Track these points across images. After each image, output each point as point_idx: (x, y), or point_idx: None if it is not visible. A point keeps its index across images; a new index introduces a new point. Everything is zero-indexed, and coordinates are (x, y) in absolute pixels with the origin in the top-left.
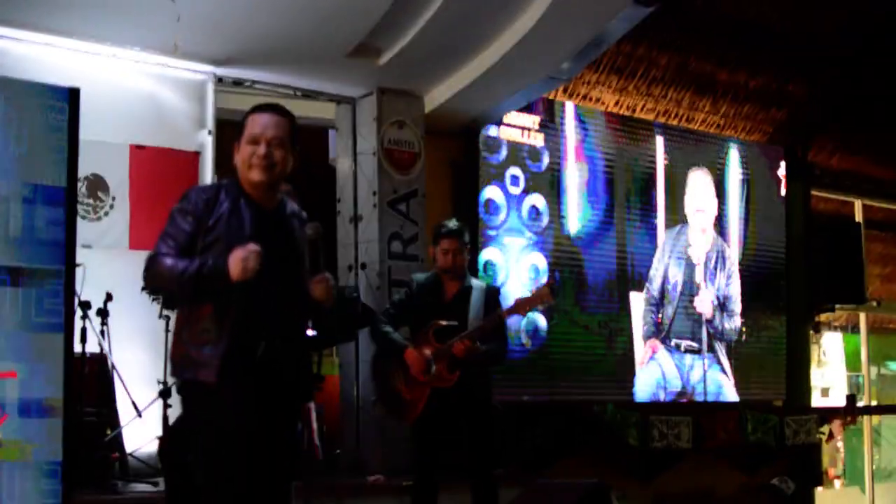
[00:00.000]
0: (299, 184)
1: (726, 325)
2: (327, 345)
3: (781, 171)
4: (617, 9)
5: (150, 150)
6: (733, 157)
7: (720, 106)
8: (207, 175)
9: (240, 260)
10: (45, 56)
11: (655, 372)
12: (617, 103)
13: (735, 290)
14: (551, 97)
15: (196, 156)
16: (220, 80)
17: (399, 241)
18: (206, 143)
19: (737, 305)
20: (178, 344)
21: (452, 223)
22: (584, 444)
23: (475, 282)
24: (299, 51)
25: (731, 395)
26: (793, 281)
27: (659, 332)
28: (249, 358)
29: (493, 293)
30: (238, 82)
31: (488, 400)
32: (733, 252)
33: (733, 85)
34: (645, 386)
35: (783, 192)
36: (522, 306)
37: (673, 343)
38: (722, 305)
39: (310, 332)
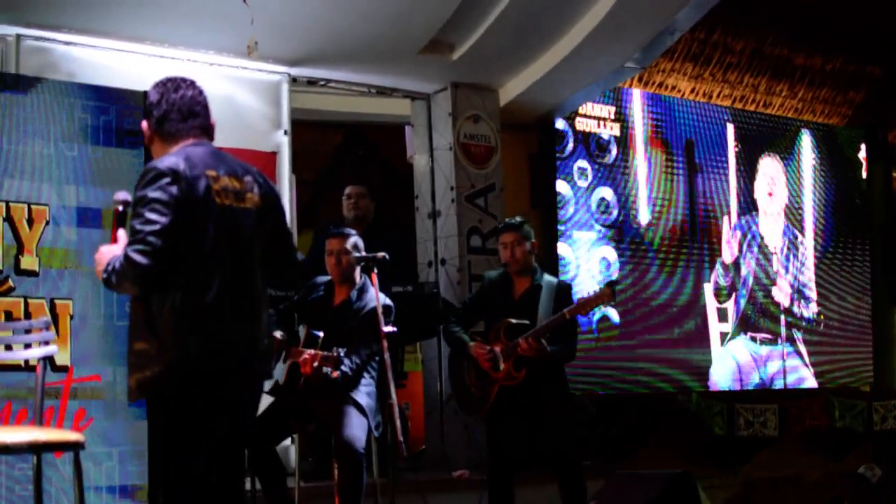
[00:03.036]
0: (381, 181)
1: (804, 313)
2: (410, 341)
3: (862, 154)
4: None
5: (227, 151)
6: (806, 141)
7: (797, 90)
8: (284, 175)
9: None
10: (119, 62)
11: (730, 364)
12: (693, 90)
13: (809, 277)
14: (626, 86)
15: (273, 156)
16: (294, 81)
17: (478, 235)
18: (283, 143)
19: (812, 292)
20: None
21: (511, 218)
22: (668, 435)
23: (546, 278)
24: (372, 49)
25: (810, 383)
26: (877, 264)
27: (734, 322)
28: None
29: (563, 290)
30: (312, 82)
31: (561, 394)
32: (808, 237)
33: (809, 68)
34: (722, 378)
35: (864, 174)
36: (583, 307)
37: (749, 335)
38: (799, 293)
39: (389, 329)
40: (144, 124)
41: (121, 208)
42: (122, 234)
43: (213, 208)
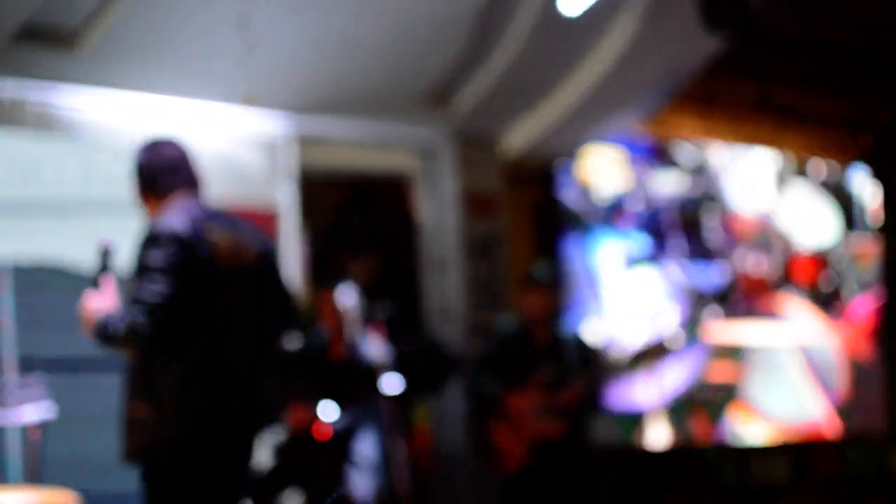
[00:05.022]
0: (385, 234)
1: None
2: (417, 396)
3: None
4: (692, 43)
5: (228, 208)
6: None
7: (805, 132)
8: (289, 230)
9: None
10: (123, 117)
11: None
12: (700, 134)
13: None
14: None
15: (277, 212)
16: (297, 136)
17: (483, 287)
18: (287, 198)
19: None
20: None
21: (539, 271)
22: (679, 484)
23: (564, 328)
24: (375, 103)
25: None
26: (890, 306)
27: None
28: None
29: (583, 339)
30: (315, 137)
31: (588, 446)
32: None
33: (817, 111)
34: None
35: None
36: (638, 360)
37: None
38: None
39: (391, 382)
40: (135, 183)
41: (102, 250)
42: (108, 282)
43: (215, 271)
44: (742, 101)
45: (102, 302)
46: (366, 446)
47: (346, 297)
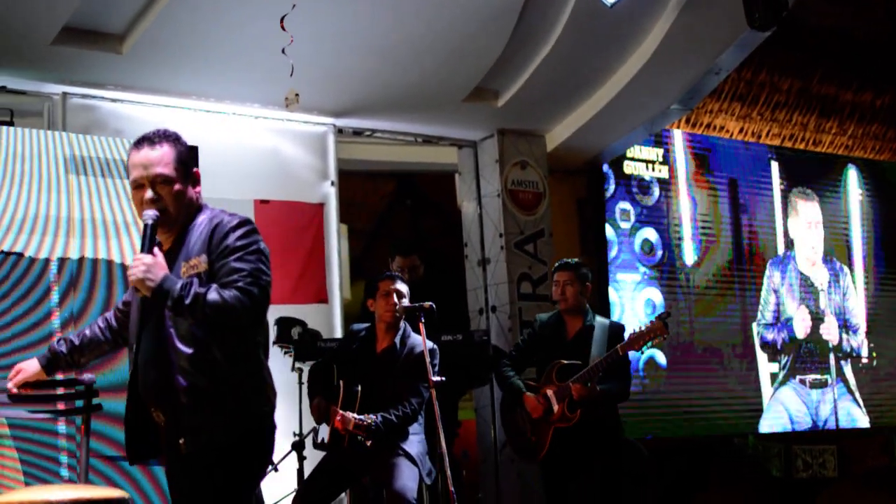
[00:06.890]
0: (430, 230)
1: (853, 343)
2: (462, 389)
3: None
4: (731, 36)
5: (275, 203)
6: (852, 177)
7: (847, 127)
8: (332, 225)
9: None
10: (167, 118)
11: (781, 413)
12: (741, 130)
13: (858, 313)
14: (672, 127)
15: (320, 207)
16: (340, 131)
17: (528, 281)
18: (330, 193)
19: (862, 329)
20: None
21: (567, 259)
22: (725, 478)
23: (598, 319)
24: (417, 98)
25: (863, 422)
26: None
27: (785, 365)
28: None
29: (616, 330)
30: (358, 132)
31: (616, 435)
32: (858, 274)
33: (859, 105)
34: (771, 427)
35: None
36: (636, 342)
37: (798, 379)
38: (847, 329)
39: (437, 379)
40: (199, 172)
41: (150, 222)
42: (157, 251)
43: None
44: (783, 96)
45: (164, 268)
46: (412, 438)
47: (393, 289)
